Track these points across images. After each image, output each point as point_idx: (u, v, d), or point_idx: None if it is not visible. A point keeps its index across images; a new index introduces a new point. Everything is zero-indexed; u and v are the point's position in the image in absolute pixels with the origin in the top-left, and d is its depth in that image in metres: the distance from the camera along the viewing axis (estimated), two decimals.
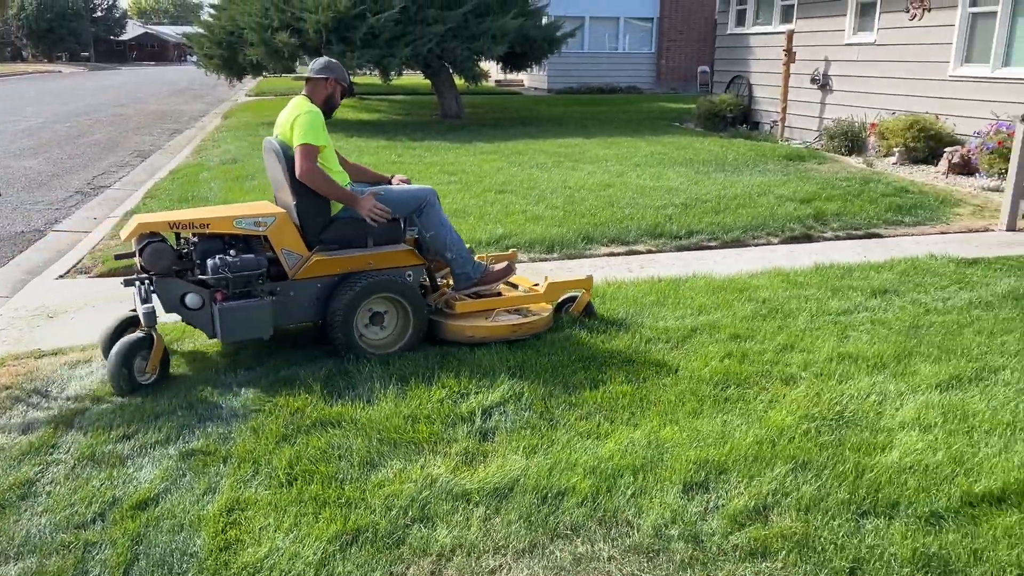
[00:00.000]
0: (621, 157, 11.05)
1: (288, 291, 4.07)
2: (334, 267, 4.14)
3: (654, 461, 3.07)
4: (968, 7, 10.41)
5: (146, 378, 3.83)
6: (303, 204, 4.11)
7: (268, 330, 3.97)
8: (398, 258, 4.29)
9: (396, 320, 4.25)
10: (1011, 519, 2.66)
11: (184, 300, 3.91)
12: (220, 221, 3.96)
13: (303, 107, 4.17)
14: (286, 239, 4.06)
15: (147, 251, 3.85)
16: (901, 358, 4.02)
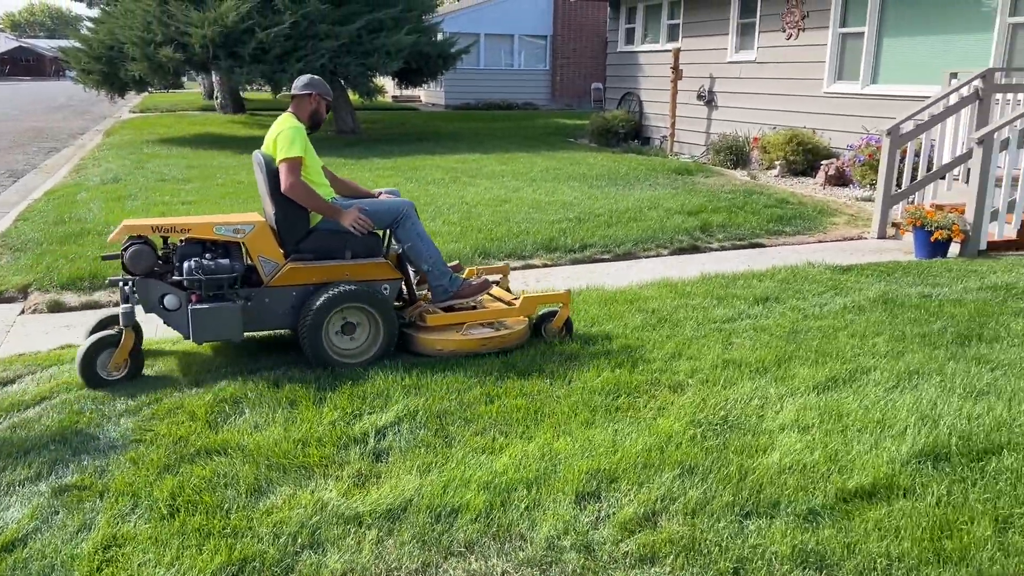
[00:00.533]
0: (517, 172, 11.17)
1: (263, 297, 4.21)
2: (310, 276, 4.27)
3: (548, 473, 3.10)
4: (839, 27, 11.04)
5: (112, 375, 4.00)
6: (281, 214, 4.27)
7: (238, 333, 4.10)
8: (374, 271, 4.39)
9: (368, 331, 4.34)
10: (880, 512, 2.81)
11: (163, 301, 4.10)
12: (201, 227, 4.15)
13: (286, 123, 4.33)
14: (263, 247, 4.21)
15: (129, 252, 4.05)
16: (781, 362, 4.19)
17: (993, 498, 2.88)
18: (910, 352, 4.30)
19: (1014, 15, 8.74)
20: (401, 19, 15.33)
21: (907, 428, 3.40)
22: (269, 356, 4.38)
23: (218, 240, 4.18)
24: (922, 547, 2.61)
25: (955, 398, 3.70)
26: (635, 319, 4.97)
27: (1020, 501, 2.86)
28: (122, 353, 3.99)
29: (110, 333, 4.04)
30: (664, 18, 15.09)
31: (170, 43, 13.70)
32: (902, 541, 2.64)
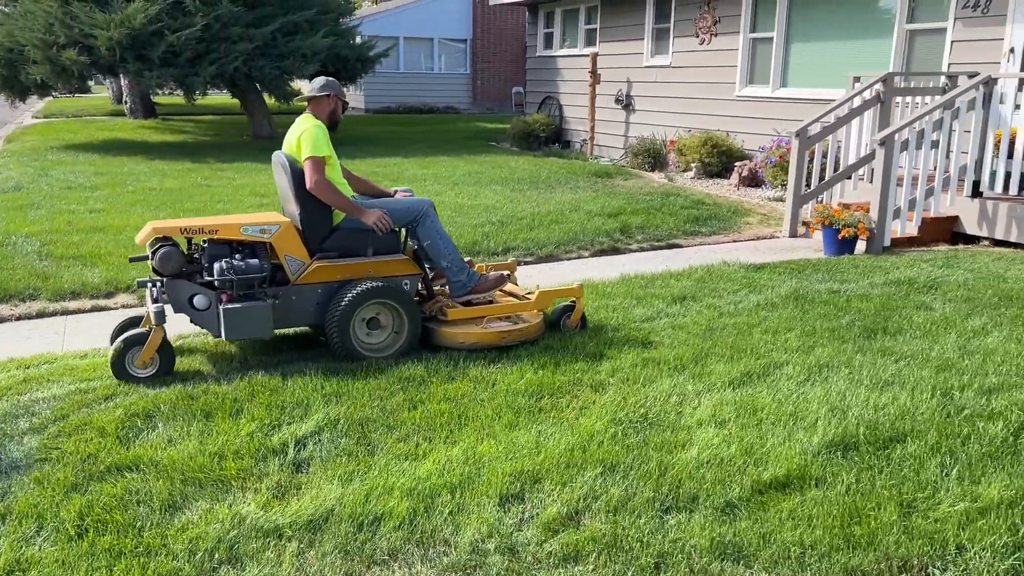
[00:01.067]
0: (439, 176, 11.13)
1: (291, 295, 4.34)
2: (335, 274, 4.41)
3: (472, 477, 3.09)
4: (749, 33, 11.38)
5: (140, 371, 4.11)
6: (306, 214, 4.39)
7: (269, 331, 4.25)
8: (396, 267, 4.55)
9: (392, 325, 4.48)
10: (794, 502, 2.90)
11: (192, 301, 4.20)
12: (228, 227, 4.25)
13: (308, 123, 4.45)
14: (289, 246, 4.34)
15: (159, 254, 4.14)
16: (699, 359, 4.29)
17: (898, 484, 3.01)
18: (820, 346, 4.46)
19: (911, 22, 9.17)
20: (317, 22, 15.11)
21: (818, 420, 3.52)
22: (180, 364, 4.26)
23: (244, 240, 4.28)
24: (833, 534, 2.70)
25: (862, 389, 3.85)
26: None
27: (923, 486, 3.00)
28: (149, 350, 4.09)
29: (137, 332, 4.14)
30: (582, 23, 15.28)
31: (74, 45, 13.17)
32: (814, 529, 2.73)
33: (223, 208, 8.60)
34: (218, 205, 8.79)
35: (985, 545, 2.64)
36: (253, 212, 8.35)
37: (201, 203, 8.90)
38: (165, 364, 4.16)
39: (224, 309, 4.10)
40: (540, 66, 16.86)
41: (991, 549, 2.62)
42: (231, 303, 4.14)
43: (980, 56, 8.29)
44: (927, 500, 2.90)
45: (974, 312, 5.02)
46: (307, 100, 4.59)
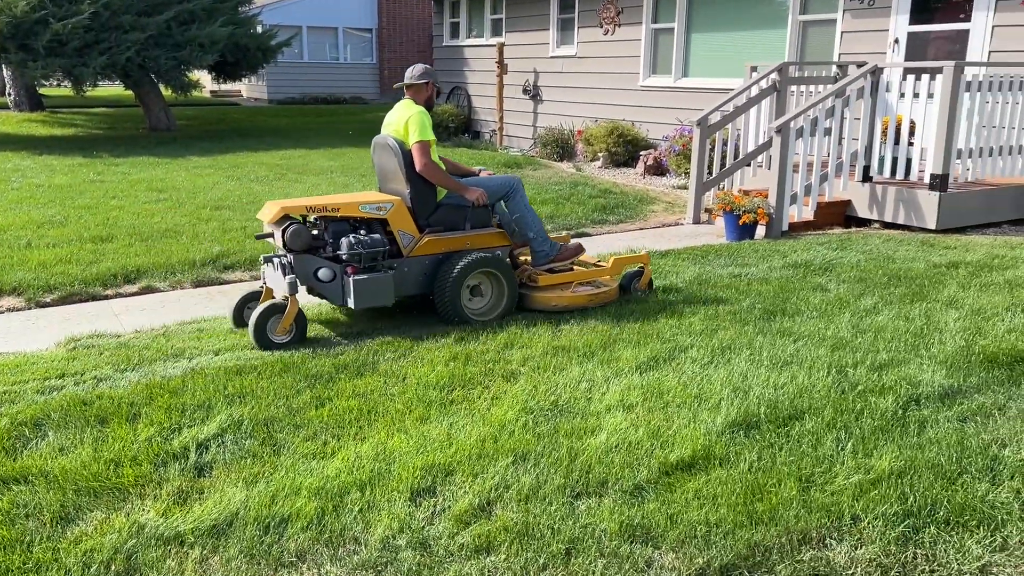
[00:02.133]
0: (346, 168, 10.95)
1: (403, 267, 4.74)
2: (440, 246, 4.86)
3: (382, 473, 3.05)
4: (651, 23, 11.58)
5: (280, 339, 4.44)
6: (415, 192, 4.80)
7: (391, 299, 4.65)
8: (490, 239, 5.03)
9: (491, 292, 4.93)
10: (699, 482, 2.97)
11: (317, 274, 4.56)
12: (348, 206, 4.63)
13: (412, 108, 4.84)
14: (401, 222, 4.75)
15: (289, 232, 4.49)
16: (607, 346, 4.35)
17: (797, 460, 3.12)
18: (723, 329, 4.58)
19: (804, 13, 9.51)
20: (214, 10, 14.61)
21: (721, 401, 3.62)
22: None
23: (362, 217, 4.67)
24: (737, 511, 2.78)
25: (763, 369, 3.98)
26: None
27: (820, 461, 3.12)
28: (288, 319, 4.43)
29: (276, 302, 4.47)
30: (487, 13, 15.26)
31: None
32: (719, 508, 2.81)
33: (118, 204, 8.23)
34: (112, 201, 8.41)
35: (878, 514, 2.76)
36: (150, 207, 8.03)
37: (93, 199, 8.50)
38: (300, 332, 4.50)
39: (354, 280, 4.49)
40: (447, 56, 16.76)
41: (883, 518, 2.74)
42: (357, 275, 4.52)
43: (868, 46, 8.67)
44: (824, 474, 3.02)
45: (866, 292, 5.25)
46: (406, 87, 4.99)
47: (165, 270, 5.99)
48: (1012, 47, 7.53)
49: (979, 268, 5.78)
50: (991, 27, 7.69)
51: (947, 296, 5.13)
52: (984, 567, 2.54)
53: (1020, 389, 3.76)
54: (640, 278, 5.38)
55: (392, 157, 4.86)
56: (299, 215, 4.64)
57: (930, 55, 8.29)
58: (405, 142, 4.80)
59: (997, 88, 7.03)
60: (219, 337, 4.60)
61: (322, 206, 4.60)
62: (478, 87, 15.73)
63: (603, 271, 5.23)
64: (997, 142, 7.23)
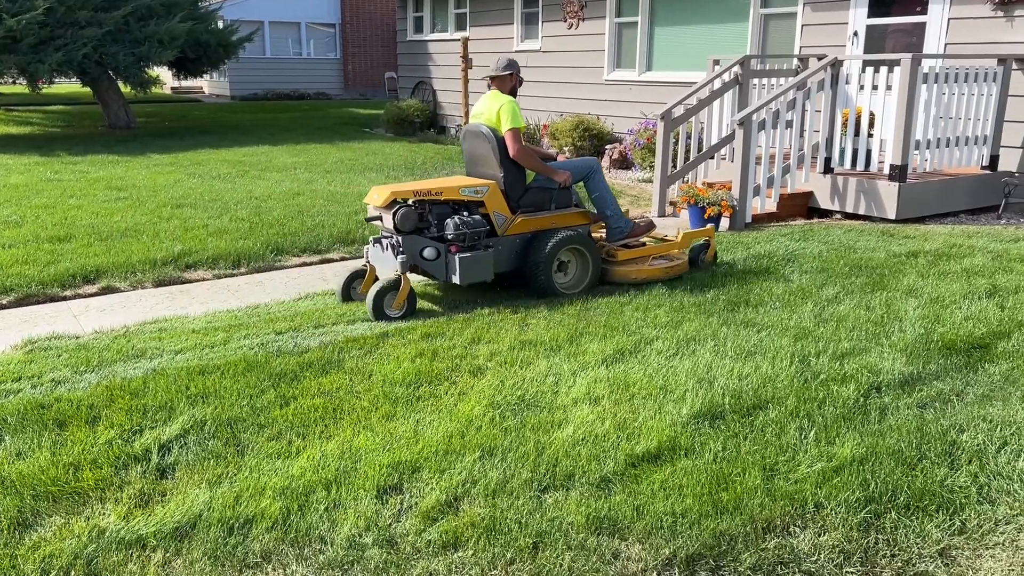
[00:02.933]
0: (310, 164, 10.85)
1: (498, 245, 5.12)
2: (530, 226, 5.25)
3: (348, 471, 3.03)
4: (615, 18, 11.62)
5: (395, 313, 4.80)
6: (509, 176, 5.20)
7: (491, 274, 5.05)
8: (573, 218, 5.44)
9: (576, 267, 5.36)
10: (665, 473, 2.99)
11: (423, 253, 4.93)
12: (450, 190, 5.00)
13: (502, 98, 5.23)
14: (496, 204, 5.13)
15: (400, 214, 4.85)
16: (573, 339, 4.36)
17: (761, 449, 3.15)
18: (688, 320, 4.62)
19: (765, 7, 9.60)
20: (173, 5, 14.38)
21: (686, 392, 3.64)
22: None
23: (461, 200, 5.03)
24: (702, 501, 2.80)
25: (727, 360, 4.01)
26: (437, 309, 4.98)
27: (784, 449, 3.15)
28: (402, 296, 4.80)
29: (392, 279, 4.81)
30: (451, 7, 15.20)
31: None
32: (685, 498, 2.83)
33: (76, 204, 8.08)
34: (70, 200, 8.24)
35: (840, 501, 2.80)
36: (110, 206, 7.90)
37: (51, 199, 8.33)
38: (411, 307, 4.86)
39: (460, 258, 4.85)
40: (412, 51, 16.67)
41: (846, 504, 2.78)
42: (462, 253, 4.87)
43: (828, 39, 8.77)
44: (788, 463, 3.06)
45: (828, 282, 5.32)
46: (492, 79, 5.39)
47: (125, 270, 5.89)
48: (967, 39, 7.67)
49: (937, 257, 5.89)
50: (947, 20, 7.82)
51: (907, 285, 5.22)
52: (943, 550, 2.58)
53: (977, 375, 3.84)
54: (706, 251, 5.81)
55: (485, 143, 5.23)
56: (405, 199, 4.96)
57: (888, 47, 8.41)
58: (498, 129, 5.17)
59: (953, 80, 7.15)
60: (182, 337, 4.53)
61: (427, 190, 4.95)
62: (443, 82, 15.67)
63: (673, 245, 5.65)
64: (954, 133, 7.36)
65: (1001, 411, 3.46)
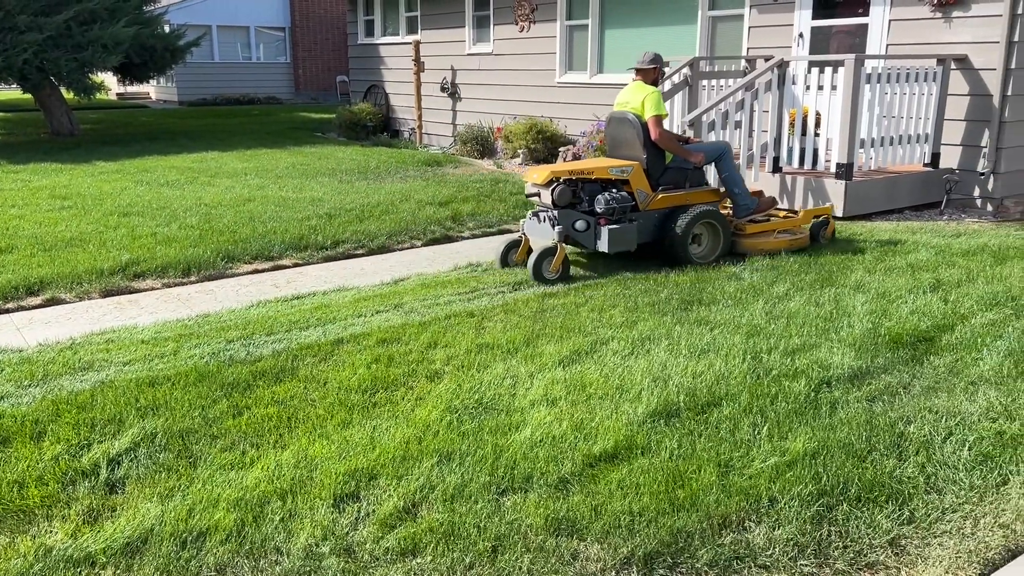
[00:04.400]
0: (261, 170, 10.71)
1: (640, 219, 5.79)
2: (667, 202, 5.91)
3: (304, 480, 2.99)
4: (566, 20, 11.68)
5: (551, 275, 5.57)
6: (651, 158, 5.90)
7: (635, 244, 5.74)
8: (704, 196, 6.08)
9: (708, 239, 5.98)
10: (622, 472, 3.01)
11: (575, 225, 5.67)
12: (600, 170, 5.75)
13: (646, 89, 5.95)
14: (639, 182, 5.83)
15: (557, 191, 5.62)
16: (530, 341, 4.37)
17: (716, 445, 3.19)
18: (642, 320, 4.66)
19: (713, 9, 9.74)
20: (117, 9, 14.06)
21: (642, 391, 3.67)
22: None
23: (609, 179, 5.76)
24: (659, 500, 2.83)
25: (682, 359, 4.06)
26: (394, 316, 4.95)
27: (738, 445, 3.20)
28: (558, 261, 5.56)
29: (550, 246, 5.58)
30: (402, 10, 15.13)
31: None
32: (642, 496, 2.85)
33: (18, 214, 7.86)
34: (11, 210, 8.01)
35: (793, 495, 2.85)
36: (54, 215, 7.70)
37: None
38: (565, 273, 5.61)
39: (609, 229, 5.58)
40: (363, 54, 16.56)
41: (799, 498, 2.83)
42: (609, 225, 5.59)
43: (774, 41, 8.93)
44: (742, 458, 3.10)
45: (778, 279, 5.41)
46: (637, 71, 6.10)
47: (71, 280, 5.74)
48: (907, 40, 7.87)
49: (883, 253, 6.03)
50: (888, 21, 8.02)
51: (854, 281, 5.33)
52: (893, 540, 2.64)
53: (923, 368, 3.93)
54: (826, 228, 6.31)
55: (630, 128, 5.93)
56: (561, 177, 5.65)
57: (832, 48, 8.59)
58: (642, 116, 5.85)
59: (895, 80, 7.33)
60: (130, 348, 4.43)
61: (580, 170, 5.69)
62: (395, 85, 15.59)
63: (795, 221, 6.25)
64: (897, 132, 7.55)
65: (946, 402, 3.56)
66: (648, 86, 5.99)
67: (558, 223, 5.64)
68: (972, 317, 4.57)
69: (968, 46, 7.49)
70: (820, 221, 6.33)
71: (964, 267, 5.57)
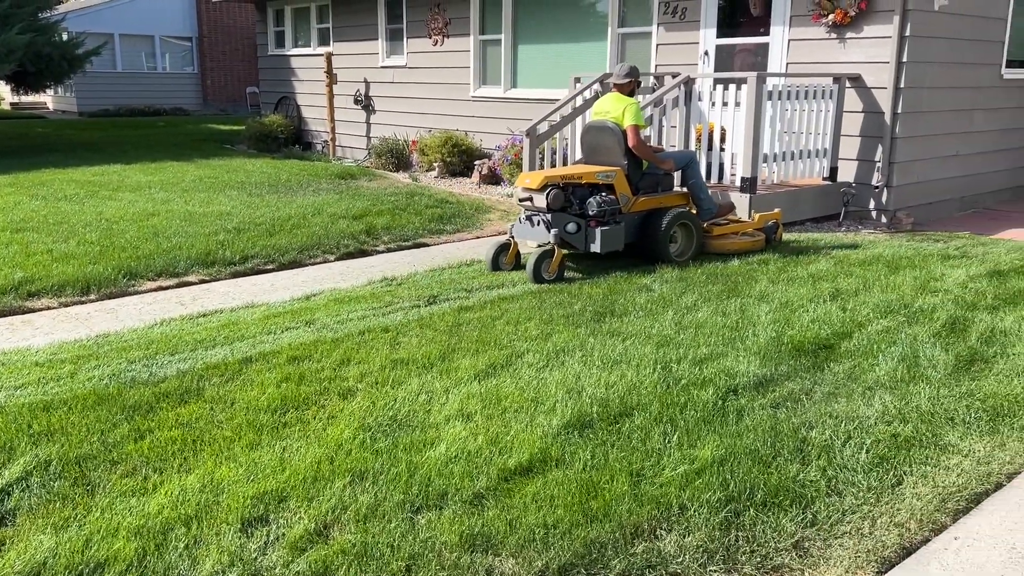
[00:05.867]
0: (166, 183, 10.37)
1: (623, 221, 6.19)
2: (646, 205, 6.35)
3: (210, 505, 2.89)
4: (479, 35, 11.74)
5: (549, 276, 5.85)
6: (630, 164, 6.29)
7: (623, 244, 6.18)
8: (676, 199, 6.55)
9: (683, 239, 6.42)
10: (537, 485, 3.02)
11: (566, 227, 6.00)
12: (588, 175, 6.13)
13: (626, 100, 6.35)
14: (621, 186, 6.22)
15: (552, 194, 5.91)
16: (445, 356, 4.35)
17: (628, 455, 3.24)
18: (557, 332, 4.70)
19: (623, 26, 9.95)
20: (11, 15, 13.43)
21: (556, 403, 3.70)
22: None
23: (596, 183, 6.14)
24: (573, 511, 2.85)
25: (595, 370, 4.11)
26: (305, 333, 4.85)
27: (649, 455, 3.25)
28: (556, 262, 5.87)
29: (547, 248, 5.90)
30: (314, 22, 14.94)
31: None
32: (556, 509, 2.86)
33: None
34: None
35: (703, 502, 2.91)
36: None
37: None
38: (561, 273, 5.94)
39: (600, 230, 5.98)
40: (273, 65, 16.26)
41: (707, 505, 2.90)
42: (599, 227, 5.99)
43: (681, 58, 9.18)
44: (653, 467, 3.15)
45: (687, 290, 5.54)
46: (614, 84, 6.52)
47: None
48: (806, 59, 8.22)
49: (786, 263, 6.25)
50: (787, 40, 8.36)
51: (759, 291, 5.51)
52: (797, 543, 2.73)
53: (823, 374, 4.09)
54: (776, 231, 6.81)
55: (611, 136, 6.30)
56: (555, 182, 6.00)
57: (736, 66, 8.89)
58: (621, 124, 6.21)
59: (795, 97, 7.64)
60: (23, 371, 4.21)
61: (571, 175, 6.08)
62: (307, 97, 15.36)
63: (751, 224, 6.75)
64: (797, 147, 7.85)
65: (845, 407, 3.71)
66: (627, 97, 6.37)
67: (553, 226, 5.94)
68: (868, 324, 4.78)
69: (861, 66, 7.86)
70: (771, 225, 6.80)
71: (861, 276, 5.83)
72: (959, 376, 4.06)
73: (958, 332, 4.66)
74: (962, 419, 3.59)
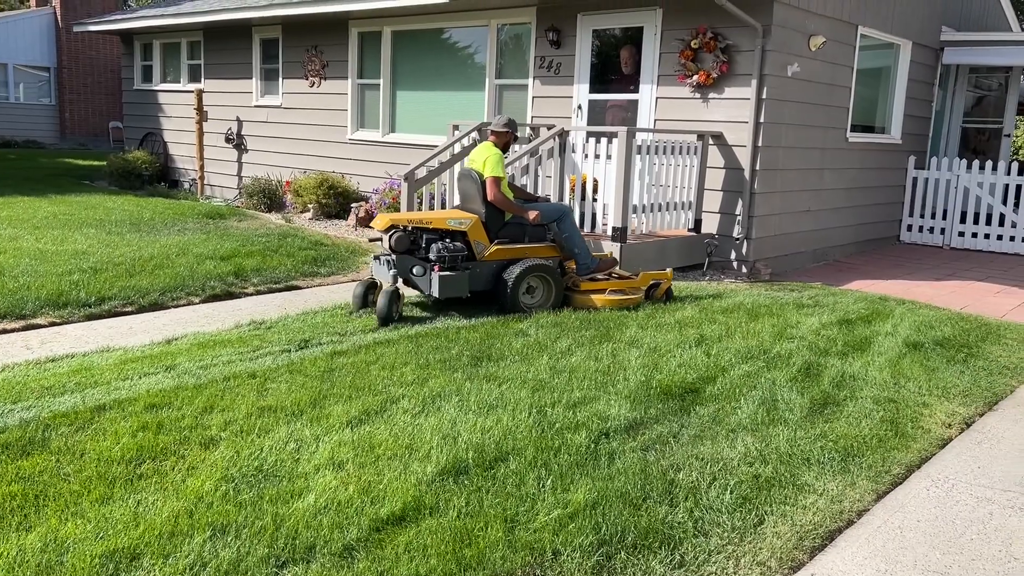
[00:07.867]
0: (15, 219, 9.69)
1: (476, 268, 6.22)
2: (503, 254, 6.33)
3: (52, 566, 2.66)
4: (357, 79, 11.71)
5: (395, 315, 5.90)
6: (488, 213, 6.34)
7: (466, 291, 6.13)
8: (544, 251, 6.53)
9: (542, 290, 6.43)
10: (410, 534, 2.95)
11: (412, 270, 6.10)
12: (438, 220, 6.18)
13: (491, 150, 6.39)
14: (477, 234, 6.25)
15: (395, 237, 6.08)
16: (317, 403, 4.22)
17: (503, 501, 3.22)
18: (433, 377, 4.65)
19: (500, 78, 10.18)
20: None
21: (431, 449, 3.65)
22: None
23: (448, 229, 6.19)
24: (447, 560, 2.79)
25: (471, 415, 4.08)
26: (165, 379, 4.60)
27: (523, 500, 3.25)
28: (401, 301, 6.00)
29: (396, 289, 5.94)
30: (184, 57, 14.50)
31: None
32: (429, 558, 2.80)
33: None
34: None
35: (576, 546, 2.92)
36: None
37: None
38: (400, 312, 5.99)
39: (440, 276, 5.97)
40: (139, 100, 15.62)
41: (580, 549, 2.91)
42: (442, 272, 5.99)
43: (556, 111, 9.47)
44: (527, 512, 3.15)
45: (561, 335, 5.63)
46: (491, 132, 6.58)
47: None
48: (673, 116, 8.65)
49: (654, 310, 6.47)
50: (655, 98, 8.77)
51: (629, 336, 5.67)
52: None
53: (690, 417, 4.23)
54: (658, 288, 6.82)
55: (472, 185, 6.39)
56: (402, 225, 6.12)
57: (608, 120, 9.24)
58: (482, 174, 6.29)
59: (663, 151, 8.00)
60: None
61: (419, 220, 6.17)
62: (175, 134, 14.81)
63: (634, 282, 6.72)
64: (665, 199, 8.21)
65: (711, 449, 3.84)
66: (493, 147, 6.41)
67: (395, 267, 6.07)
68: (731, 369, 5.00)
69: (723, 124, 8.35)
70: (654, 283, 6.84)
71: (724, 323, 6.11)
72: (814, 418, 4.29)
73: (812, 376, 4.94)
74: (817, 459, 3.78)
